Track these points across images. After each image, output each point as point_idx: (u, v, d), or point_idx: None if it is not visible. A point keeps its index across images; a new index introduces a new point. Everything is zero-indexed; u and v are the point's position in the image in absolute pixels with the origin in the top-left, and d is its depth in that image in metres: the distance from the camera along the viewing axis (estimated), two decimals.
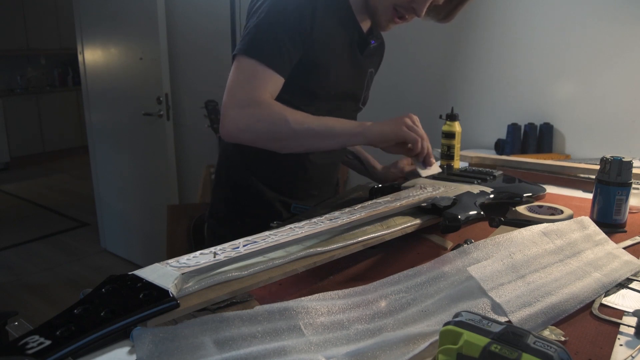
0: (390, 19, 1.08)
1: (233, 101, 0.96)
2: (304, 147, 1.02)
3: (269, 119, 0.95)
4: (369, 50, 1.16)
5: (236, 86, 0.97)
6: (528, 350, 0.45)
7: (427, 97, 2.16)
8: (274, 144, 1.00)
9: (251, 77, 0.97)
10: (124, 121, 3.10)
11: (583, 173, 1.31)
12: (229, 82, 0.98)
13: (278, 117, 0.95)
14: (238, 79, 0.97)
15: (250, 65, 0.97)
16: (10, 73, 6.22)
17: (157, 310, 0.54)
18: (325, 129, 0.98)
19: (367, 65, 1.20)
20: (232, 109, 0.95)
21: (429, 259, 0.75)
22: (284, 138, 0.97)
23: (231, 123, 0.95)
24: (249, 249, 0.67)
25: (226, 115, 0.96)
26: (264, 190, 1.15)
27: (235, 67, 0.98)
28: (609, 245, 0.84)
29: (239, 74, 0.98)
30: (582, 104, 1.80)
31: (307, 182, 1.20)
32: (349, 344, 0.58)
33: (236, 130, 0.96)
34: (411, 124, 1.00)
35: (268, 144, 1.00)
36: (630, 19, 1.66)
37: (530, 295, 0.65)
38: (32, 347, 0.48)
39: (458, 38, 2.05)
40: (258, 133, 0.96)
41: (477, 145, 2.02)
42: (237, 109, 0.95)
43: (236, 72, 0.98)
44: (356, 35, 1.12)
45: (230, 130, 0.96)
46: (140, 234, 3.24)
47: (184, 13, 2.87)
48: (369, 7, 1.09)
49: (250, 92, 0.96)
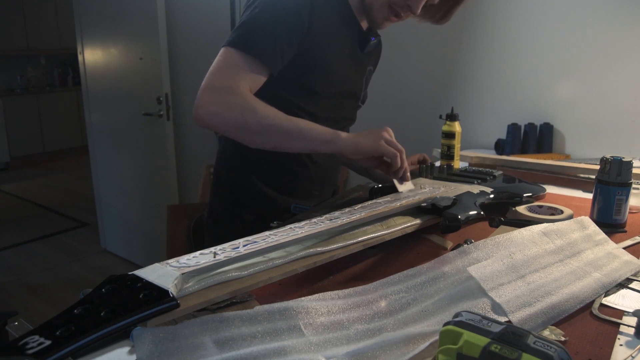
0: (386, 17, 1.08)
1: (209, 85, 0.95)
2: (271, 144, 1.00)
3: (239, 109, 0.94)
4: (369, 47, 1.16)
5: (216, 72, 0.96)
6: (528, 350, 0.45)
7: (427, 97, 2.16)
8: (242, 135, 0.99)
9: (233, 66, 0.96)
10: (124, 121, 3.10)
11: (583, 173, 1.31)
12: (210, 69, 0.97)
13: (248, 109, 0.94)
14: (219, 66, 0.97)
15: (234, 55, 0.97)
16: (10, 73, 6.22)
17: (157, 310, 0.54)
18: (296, 129, 0.97)
19: (367, 63, 1.20)
20: (206, 93, 0.95)
21: (429, 259, 0.75)
22: (252, 131, 0.96)
23: (202, 107, 0.94)
24: (249, 249, 0.67)
25: (199, 98, 0.95)
26: (265, 190, 1.15)
27: (220, 55, 0.98)
28: (609, 245, 0.84)
29: (221, 62, 0.97)
30: (582, 104, 1.80)
31: (308, 181, 1.19)
32: (349, 344, 0.58)
33: (206, 114, 0.94)
34: (389, 138, 0.98)
35: (236, 133, 0.99)
36: (630, 19, 1.66)
37: (530, 295, 0.65)
38: (32, 347, 0.48)
39: (458, 38, 2.04)
40: (226, 120, 0.95)
41: (477, 145, 2.02)
42: (211, 93, 0.95)
43: (219, 59, 0.98)
44: (356, 33, 1.12)
45: (200, 114, 0.95)
46: (140, 234, 3.24)
47: (184, 13, 2.87)
48: (365, 6, 1.09)
49: (228, 80, 0.95)
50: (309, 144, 0.98)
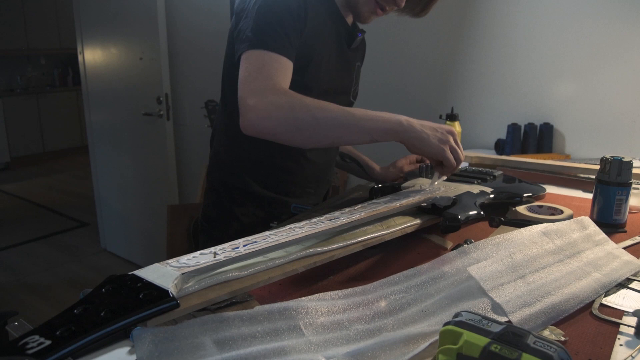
0: (372, 11, 1.07)
1: (248, 91, 0.89)
2: (329, 139, 0.93)
3: (289, 106, 0.88)
4: (355, 43, 1.15)
5: (249, 77, 0.91)
6: (528, 350, 0.45)
7: (427, 97, 2.16)
8: (297, 135, 0.91)
9: (262, 66, 0.92)
10: (124, 121, 3.10)
11: (583, 173, 1.30)
12: (240, 77, 0.93)
13: (298, 104, 0.88)
14: (249, 70, 0.92)
15: (258, 56, 0.92)
16: (10, 73, 6.22)
17: (157, 310, 0.54)
18: (353, 120, 0.89)
19: (355, 59, 1.20)
20: (249, 98, 0.88)
21: (429, 259, 0.75)
22: (306, 127, 0.89)
23: (251, 112, 0.88)
24: (249, 249, 0.67)
25: (244, 106, 0.89)
26: (260, 191, 1.14)
27: (244, 61, 0.94)
28: (609, 245, 0.84)
29: (249, 66, 0.92)
30: (582, 104, 1.80)
31: (303, 180, 1.19)
32: (349, 344, 0.58)
33: (257, 118, 0.87)
34: (454, 146, 0.91)
35: (291, 135, 0.91)
36: (630, 19, 1.66)
37: (530, 295, 0.65)
38: (32, 347, 0.48)
39: (458, 38, 2.05)
40: (279, 120, 0.88)
41: (477, 145, 2.03)
42: (254, 97, 0.88)
43: (245, 65, 0.93)
44: (342, 29, 1.12)
45: (252, 120, 0.88)
46: (140, 234, 3.24)
47: (184, 13, 2.87)
48: (350, 1, 1.08)
49: (265, 80, 0.90)
50: (371, 135, 0.90)
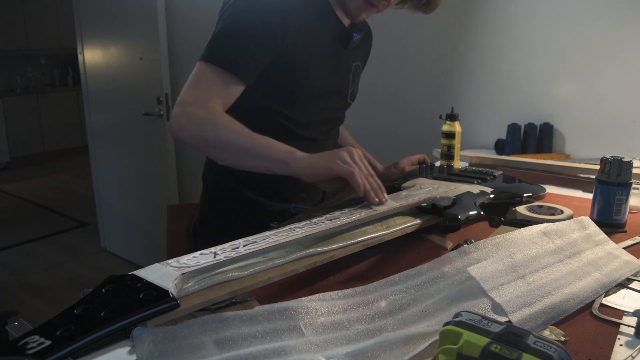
0: (361, 8, 1.05)
1: (181, 99, 0.96)
2: (230, 160, 0.97)
3: (200, 122, 0.94)
4: (352, 43, 1.13)
5: (188, 87, 0.97)
6: (528, 350, 0.45)
7: (427, 97, 2.16)
8: (209, 152, 1.00)
9: (205, 80, 0.97)
10: (124, 121, 3.10)
11: (583, 173, 1.30)
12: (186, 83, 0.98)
13: (210, 122, 0.94)
14: (192, 80, 0.98)
15: (206, 69, 0.97)
16: (10, 73, 6.22)
17: (157, 310, 0.54)
18: (254, 147, 0.92)
19: (352, 58, 1.17)
20: (177, 106, 0.96)
21: (429, 259, 0.75)
22: (211, 145, 0.96)
23: (173, 120, 0.95)
24: (249, 249, 0.67)
25: (172, 112, 0.96)
26: (252, 196, 1.13)
27: (194, 70, 0.99)
28: (609, 245, 0.84)
29: (192, 76, 0.98)
30: (582, 104, 1.80)
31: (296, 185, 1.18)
32: (349, 344, 0.58)
33: (175, 127, 0.95)
34: (347, 159, 0.88)
35: (205, 151, 1.00)
36: (630, 19, 1.66)
37: (530, 295, 0.65)
38: (32, 347, 0.48)
39: (458, 38, 2.04)
40: (191, 133, 0.95)
41: (477, 145, 2.02)
42: (179, 106, 0.95)
43: (193, 74, 0.98)
44: (337, 29, 1.10)
45: (172, 128, 0.96)
46: (140, 234, 3.24)
47: (184, 13, 2.87)
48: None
49: (198, 94, 0.96)
50: (266, 164, 0.93)
